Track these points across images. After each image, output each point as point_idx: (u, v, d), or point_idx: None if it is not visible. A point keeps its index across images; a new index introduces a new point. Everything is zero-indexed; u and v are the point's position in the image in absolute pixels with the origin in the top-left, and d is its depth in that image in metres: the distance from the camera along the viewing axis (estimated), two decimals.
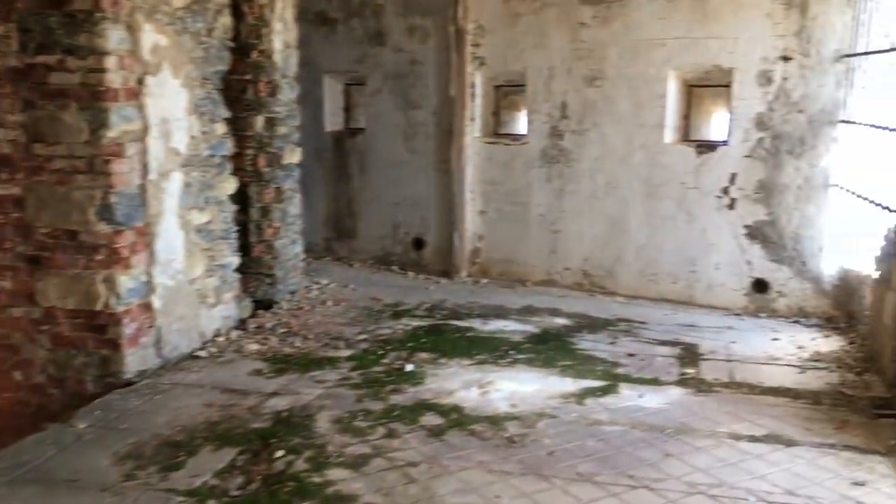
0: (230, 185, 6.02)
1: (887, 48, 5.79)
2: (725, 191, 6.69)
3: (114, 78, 4.68)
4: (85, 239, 4.83)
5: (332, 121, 8.67)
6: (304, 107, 8.27)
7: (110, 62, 4.65)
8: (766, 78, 6.38)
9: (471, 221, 7.95)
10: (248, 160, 6.61)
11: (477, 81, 7.71)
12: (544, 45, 7.28)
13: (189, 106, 5.44)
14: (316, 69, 8.47)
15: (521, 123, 7.81)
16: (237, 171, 6.49)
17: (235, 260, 6.15)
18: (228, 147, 5.98)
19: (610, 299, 7.21)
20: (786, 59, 6.30)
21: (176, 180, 5.33)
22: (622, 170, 7.10)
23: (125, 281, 4.89)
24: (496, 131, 8.00)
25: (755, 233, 6.62)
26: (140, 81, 4.92)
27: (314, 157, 8.58)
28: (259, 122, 6.61)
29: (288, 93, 6.82)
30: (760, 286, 6.68)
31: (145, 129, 4.98)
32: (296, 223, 7.13)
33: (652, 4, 6.75)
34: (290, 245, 7.03)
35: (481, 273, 7.98)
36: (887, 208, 5.25)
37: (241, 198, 6.60)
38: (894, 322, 4.83)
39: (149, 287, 5.10)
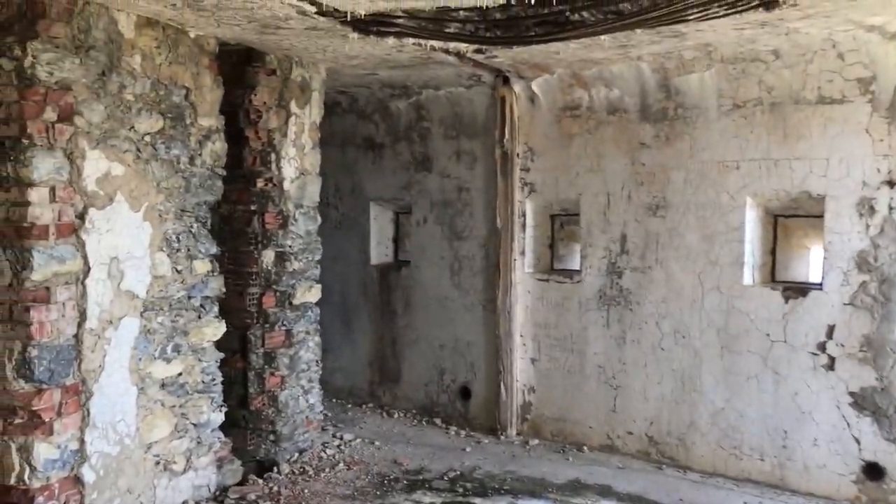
0: (214, 330, 5.26)
1: None
2: (822, 347, 5.30)
3: (41, 213, 4.05)
4: (0, 399, 4.11)
5: (379, 252, 7.91)
6: (351, 237, 7.65)
7: (36, 195, 4.04)
8: (867, 207, 5.09)
9: (520, 370, 6.83)
10: (251, 300, 5.86)
11: (527, 210, 6.76)
12: (600, 169, 6.28)
13: (155, 241, 4.78)
14: (364, 196, 7.81)
15: (576, 258, 6.74)
16: (238, 313, 5.78)
17: (218, 417, 5.31)
18: (215, 287, 5.26)
19: (681, 475, 5.83)
20: (892, 183, 5.00)
21: (129, 327, 4.60)
22: (692, 316, 5.85)
23: (44, 450, 4.12)
24: (552, 266, 6.96)
25: (863, 402, 5.17)
26: (81, 216, 4.27)
27: (360, 291, 7.83)
28: (267, 257, 5.88)
29: (303, 225, 6.10)
30: (874, 472, 5.16)
31: (85, 271, 4.30)
32: (310, 371, 6.26)
33: (722, 121, 5.65)
34: (300, 396, 6.15)
35: (532, 432, 6.78)
36: None
37: (241, 343, 5.84)
38: None
39: (79, 457, 4.31)
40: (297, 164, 6.04)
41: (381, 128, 7.64)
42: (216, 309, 5.28)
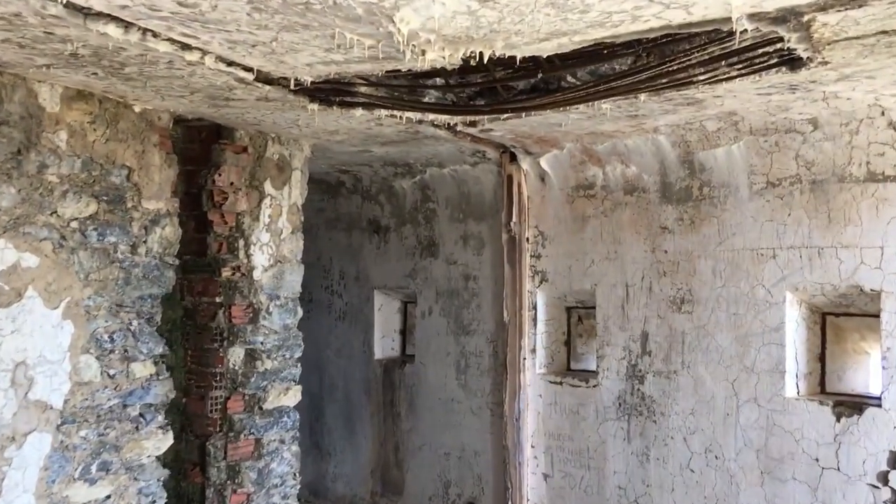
0: (157, 443, 4.56)
1: None
2: (884, 478, 4.28)
3: None
4: None
5: (384, 345, 7.20)
6: (355, 329, 6.99)
7: None
8: None
9: (531, 487, 5.92)
10: (214, 404, 5.16)
11: (539, 301, 5.96)
12: (618, 256, 5.46)
13: (79, 342, 4.14)
14: (369, 284, 7.13)
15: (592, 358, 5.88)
16: (199, 419, 5.09)
17: None
18: (160, 392, 4.58)
19: None
20: None
21: (38, 444, 3.94)
22: (725, 432, 4.90)
23: None
24: (568, 366, 6.10)
25: None
26: None
27: (363, 389, 7.09)
28: (234, 355, 5.21)
29: (279, 318, 5.43)
30: None
31: None
32: (285, 485, 5.48)
33: (754, 201, 4.81)
34: None
35: None
36: None
37: (201, 454, 5.13)
38: None
39: None
40: (271, 250, 5.40)
41: (387, 209, 7.01)
42: (160, 418, 4.59)
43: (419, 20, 2.68)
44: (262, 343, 5.32)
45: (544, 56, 3.21)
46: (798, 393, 4.72)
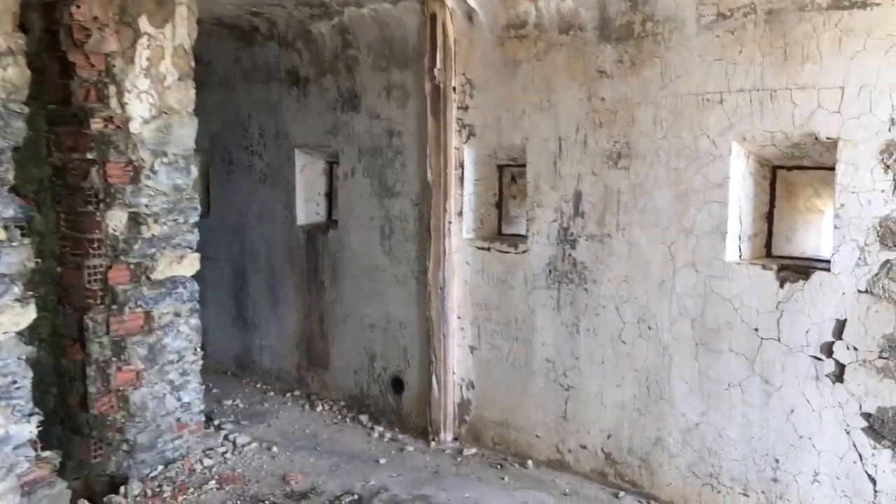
0: (16, 318, 4.00)
1: None
2: (828, 350, 3.83)
3: None
4: None
5: (307, 210, 6.59)
6: (276, 192, 6.35)
7: None
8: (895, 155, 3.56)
9: (458, 361, 5.49)
10: (92, 274, 4.59)
11: (467, 159, 5.33)
12: (551, 106, 4.81)
13: None
14: (289, 143, 6.45)
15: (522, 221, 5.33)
16: (76, 290, 4.54)
17: (23, 429, 4.07)
18: (15, 260, 3.97)
19: None
20: None
21: None
22: (660, 301, 4.42)
23: None
24: (500, 231, 5.55)
25: (881, 428, 3.70)
26: None
27: (286, 257, 6.54)
28: (113, 219, 4.60)
29: (166, 178, 4.80)
30: None
31: None
32: (183, 362, 5.01)
33: (702, 37, 4.12)
34: (166, 395, 4.92)
35: (471, 437, 5.47)
36: None
37: (80, 329, 4.61)
38: None
39: None
40: (153, 99, 4.70)
41: (305, 58, 6.25)
42: (16, 290, 4.00)
43: None
44: (146, 206, 4.73)
45: None
46: (740, 256, 4.20)
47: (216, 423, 5.75)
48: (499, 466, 5.07)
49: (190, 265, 5.01)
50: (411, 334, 5.73)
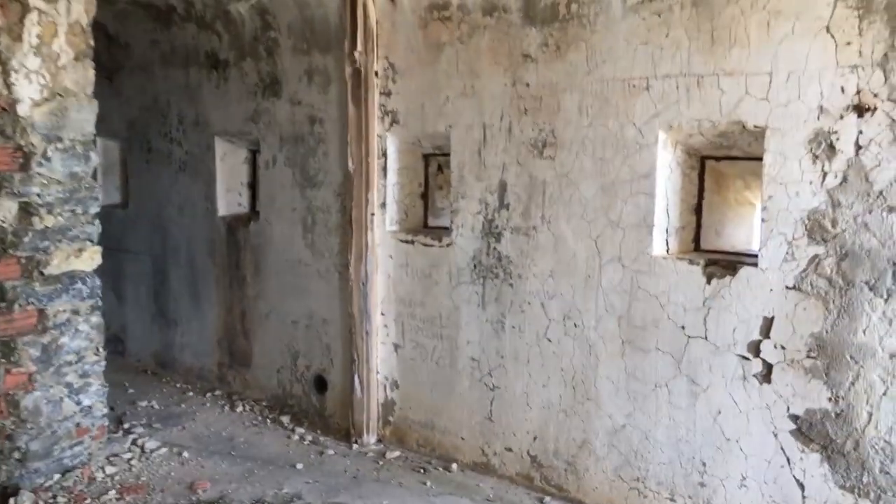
0: None
1: None
2: (755, 349, 3.66)
3: None
4: None
5: (229, 201, 6.27)
6: (196, 182, 6.01)
7: None
8: (824, 145, 3.38)
9: (381, 359, 5.24)
10: None
11: (390, 147, 5.07)
12: (475, 92, 4.57)
13: None
14: (209, 130, 6.12)
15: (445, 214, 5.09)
16: None
17: None
18: None
19: None
20: (862, 109, 3.28)
21: None
22: (586, 297, 4.21)
23: None
24: (426, 223, 5.31)
25: (809, 431, 3.54)
26: None
27: (207, 250, 6.22)
28: (1, 210, 4.23)
29: (61, 166, 4.46)
30: None
31: None
32: (82, 363, 4.66)
33: (628, 19, 3.91)
34: (64, 398, 4.58)
35: (395, 439, 5.23)
36: None
37: None
38: None
39: None
40: (44, 80, 4.35)
41: (225, 40, 5.92)
42: None
43: None
44: (38, 195, 4.37)
45: None
46: (668, 251, 4.02)
47: (126, 426, 5.43)
48: (422, 470, 4.83)
49: (90, 259, 4.67)
50: (335, 331, 5.46)
